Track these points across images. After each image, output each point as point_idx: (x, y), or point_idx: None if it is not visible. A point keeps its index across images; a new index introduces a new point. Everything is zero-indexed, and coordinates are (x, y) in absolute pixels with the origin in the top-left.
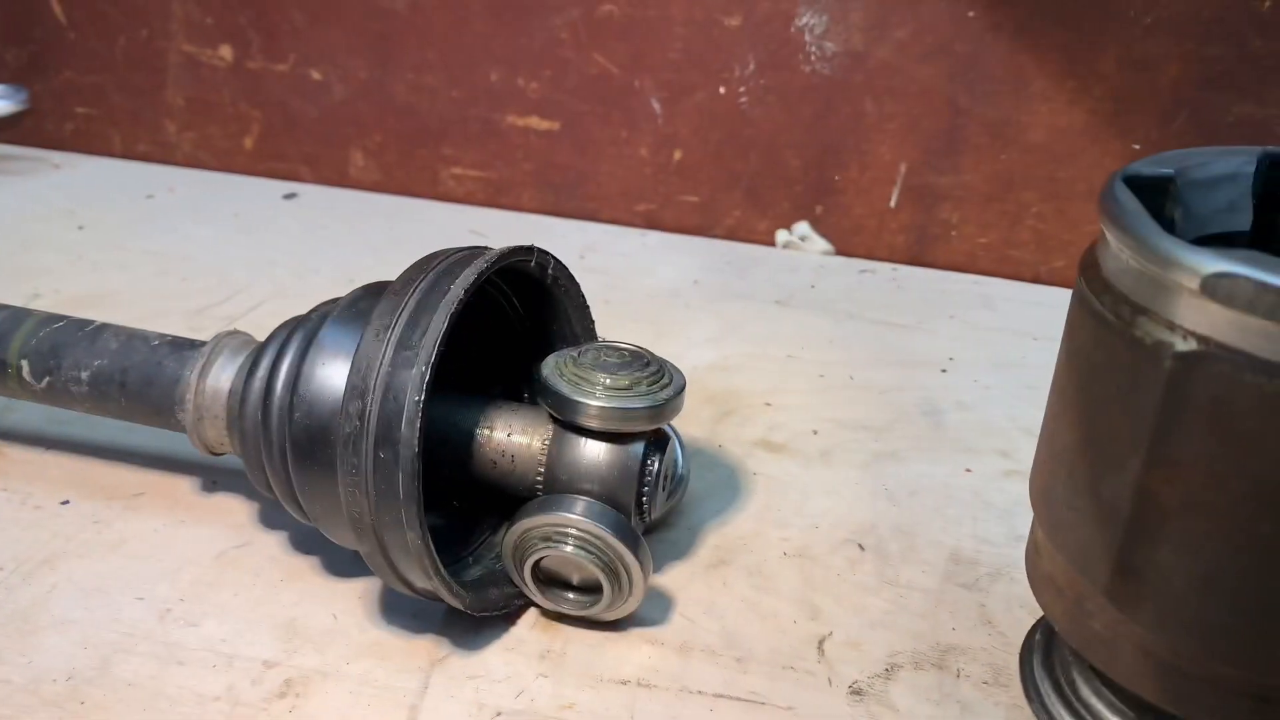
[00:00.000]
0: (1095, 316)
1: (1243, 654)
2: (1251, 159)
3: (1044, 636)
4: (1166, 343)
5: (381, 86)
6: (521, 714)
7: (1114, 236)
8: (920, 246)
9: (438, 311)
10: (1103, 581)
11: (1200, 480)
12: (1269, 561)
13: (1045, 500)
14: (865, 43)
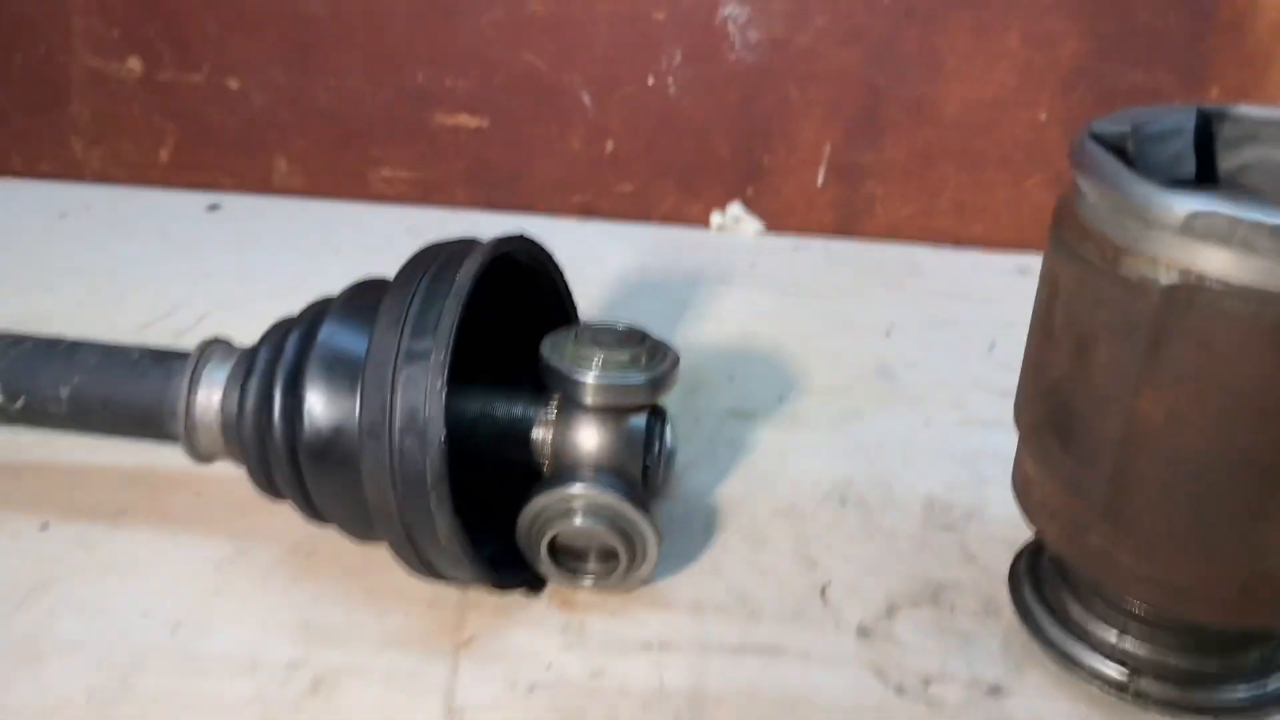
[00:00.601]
0: (1079, 261)
1: (1227, 552)
2: (1190, 115)
3: (1029, 564)
4: (1151, 278)
5: (303, 92)
6: (555, 685)
7: (1093, 187)
8: (848, 221)
9: (449, 300)
10: (1099, 501)
11: (1186, 398)
12: (1247, 465)
13: (1036, 433)
14: (786, 30)
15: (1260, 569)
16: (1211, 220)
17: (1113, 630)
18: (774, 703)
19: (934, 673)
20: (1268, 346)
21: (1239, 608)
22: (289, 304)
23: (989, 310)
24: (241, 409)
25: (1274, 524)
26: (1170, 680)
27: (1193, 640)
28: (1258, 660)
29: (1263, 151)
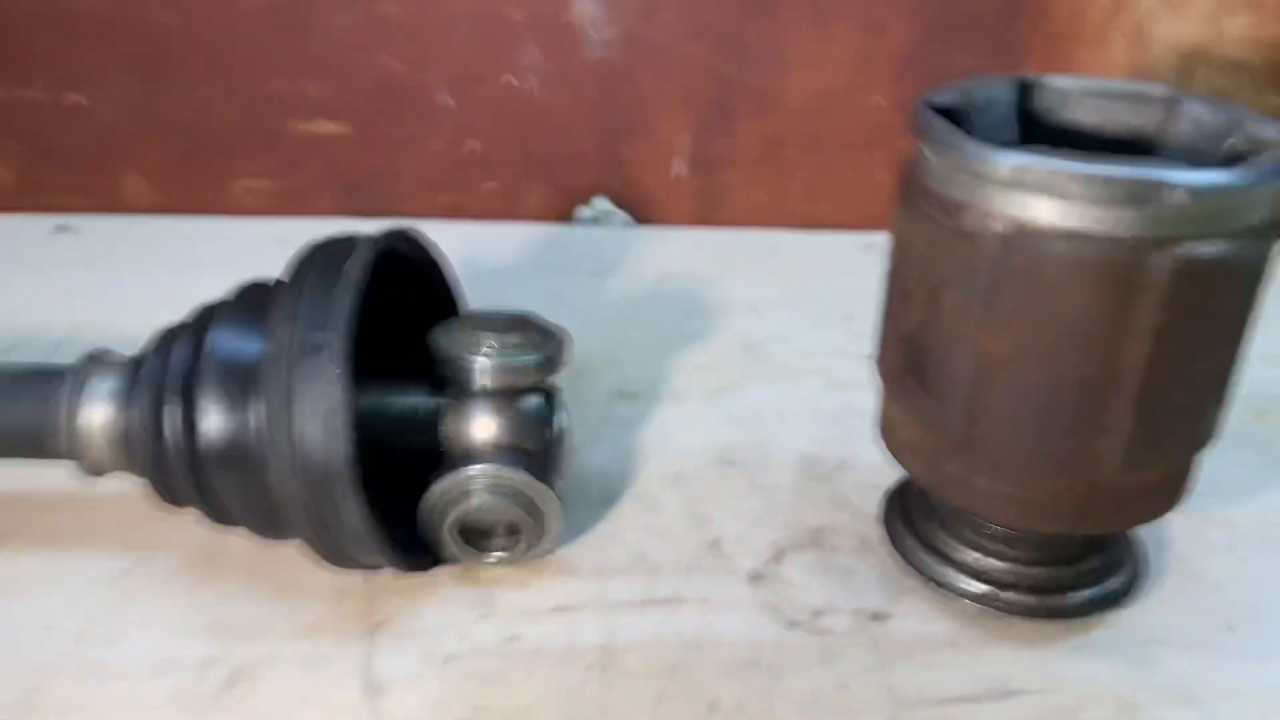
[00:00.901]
0: (923, 218)
1: (1067, 466)
2: (1011, 84)
3: (898, 502)
4: (987, 228)
5: (153, 105)
6: (471, 654)
7: (933, 151)
8: (708, 209)
9: (342, 291)
10: (956, 432)
11: (1023, 332)
12: (1079, 388)
13: (897, 378)
14: (638, 27)
15: (1096, 478)
16: (1034, 173)
17: (975, 552)
18: (679, 647)
19: (821, 606)
20: (1087, 281)
21: (1081, 516)
22: (157, 321)
23: (842, 284)
24: (133, 420)
25: (1105, 438)
26: (1027, 590)
27: (1044, 553)
28: (1099, 565)
29: (1072, 115)
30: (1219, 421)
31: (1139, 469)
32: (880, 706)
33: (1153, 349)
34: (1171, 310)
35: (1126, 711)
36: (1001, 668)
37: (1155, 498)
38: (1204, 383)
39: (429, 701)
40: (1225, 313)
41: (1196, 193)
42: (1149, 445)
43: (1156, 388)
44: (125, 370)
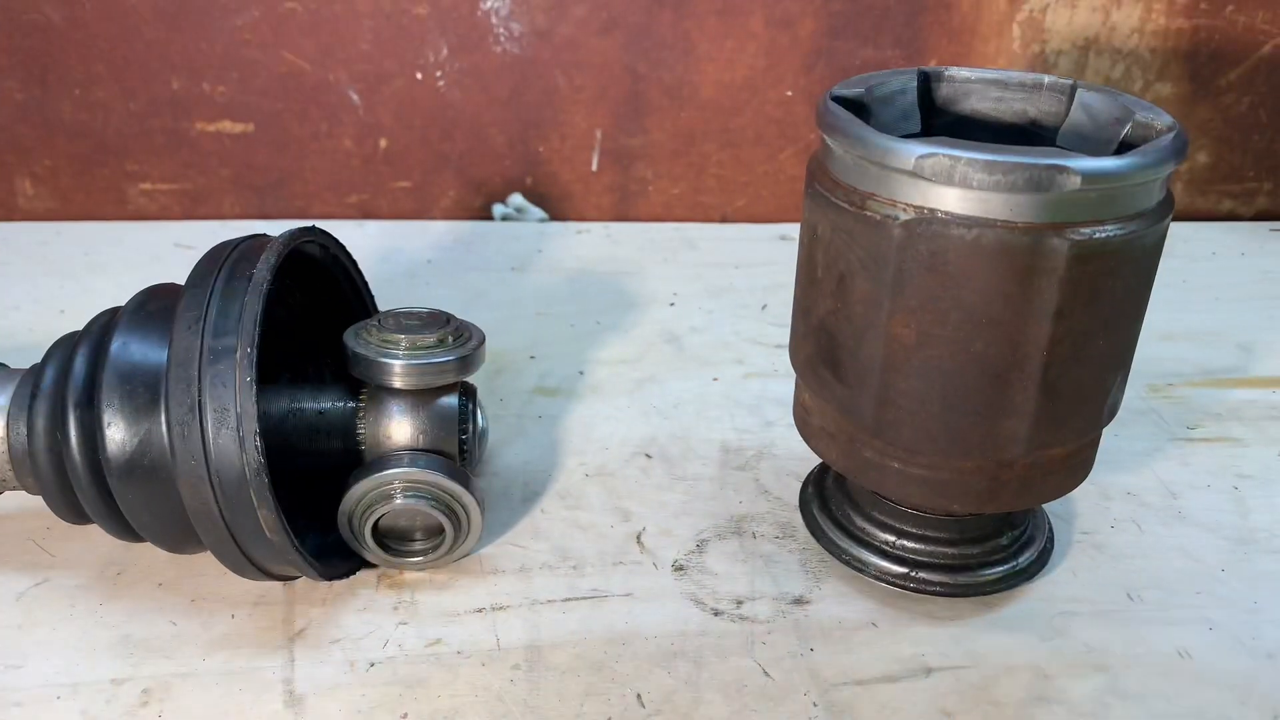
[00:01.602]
0: (831, 207)
1: (975, 447)
2: (913, 77)
3: (815, 489)
4: (892, 215)
5: (43, 107)
6: (393, 659)
7: (839, 143)
8: (624, 204)
9: (248, 295)
10: (869, 418)
11: (929, 318)
12: (983, 370)
13: (811, 367)
14: (548, 21)
15: (1003, 458)
16: (935, 161)
17: (890, 534)
18: (606, 641)
19: (744, 594)
20: (988, 265)
21: (990, 495)
22: (53, 332)
23: (758, 276)
24: (31, 433)
25: (1011, 418)
26: (941, 570)
27: (956, 533)
28: (1010, 542)
29: (973, 105)
30: (1119, 399)
31: (1045, 448)
32: (804, 689)
33: (1054, 330)
34: (1070, 292)
35: (1040, 682)
36: (920, 646)
37: (1061, 475)
38: (1104, 362)
39: (352, 710)
40: (1121, 293)
41: (1091, 178)
42: (1053, 424)
43: (1059, 368)
44: (23, 382)
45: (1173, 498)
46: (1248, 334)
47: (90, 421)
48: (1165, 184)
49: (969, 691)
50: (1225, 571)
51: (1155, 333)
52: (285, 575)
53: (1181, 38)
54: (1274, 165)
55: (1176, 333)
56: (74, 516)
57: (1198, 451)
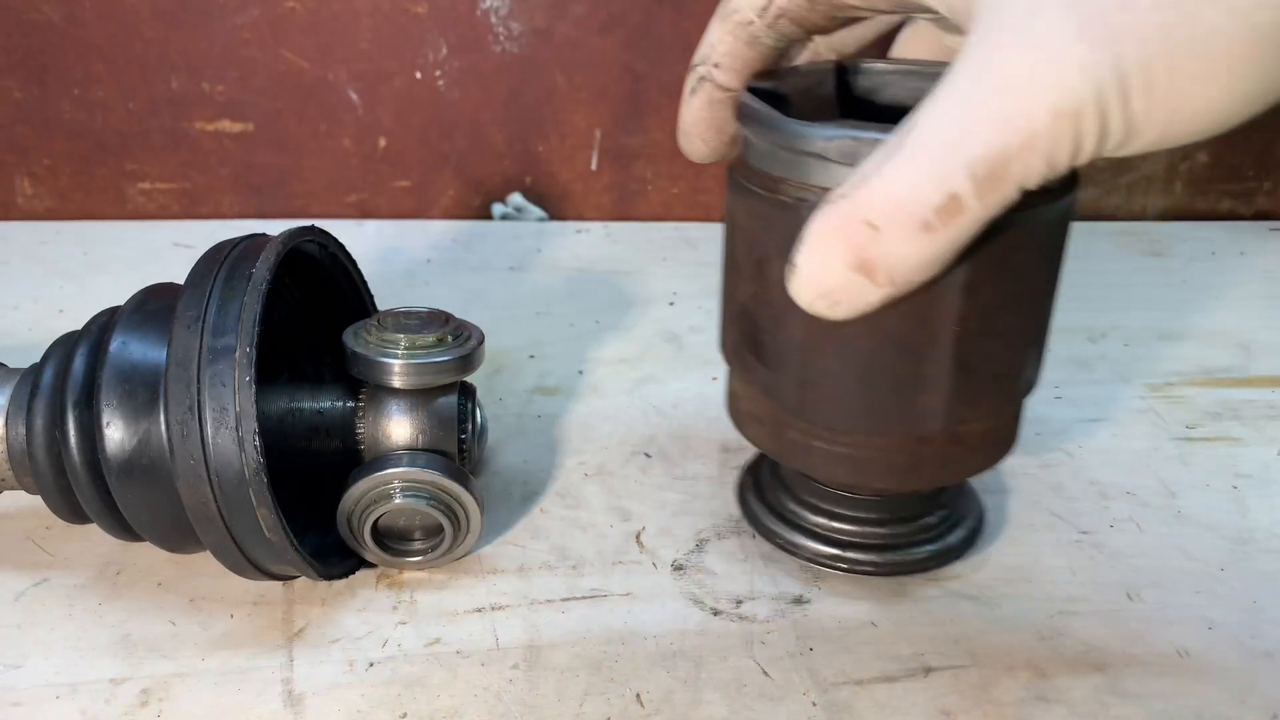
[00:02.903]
0: (749, 195)
1: (894, 424)
2: (829, 69)
3: (751, 477)
4: (802, 198)
5: (43, 106)
6: (393, 659)
7: (753, 131)
8: (623, 203)
9: (248, 294)
10: (791, 400)
11: None
12: (898, 347)
13: (736, 352)
14: (547, 20)
15: (922, 434)
16: (840, 144)
17: (819, 516)
18: (605, 640)
19: (744, 593)
20: None
21: (911, 471)
22: (52, 331)
23: None
24: (31, 433)
25: (927, 394)
26: (871, 549)
27: (885, 513)
28: (939, 521)
29: (892, 95)
30: (1036, 373)
31: (962, 423)
32: (803, 689)
33: (963, 306)
34: (977, 268)
35: (1039, 682)
36: (919, 645)
37: (982, 450)
38: (1016, 337)
39: (352, 710)
40: (1027, 269)
41: None
42: (969, 400)
43: (970, 343)
44: (22, 381)
45: (1172, 497)
46: (1247, 333)
47: (89, 421)
48: None
49: (968, 691)
50: (1224, 571)
51: (1154, 332)
52: (284, 575)
53: None
54: (1274, 164)
55: (1176, 332)
56: (73, 516)
57: (1197, 451)
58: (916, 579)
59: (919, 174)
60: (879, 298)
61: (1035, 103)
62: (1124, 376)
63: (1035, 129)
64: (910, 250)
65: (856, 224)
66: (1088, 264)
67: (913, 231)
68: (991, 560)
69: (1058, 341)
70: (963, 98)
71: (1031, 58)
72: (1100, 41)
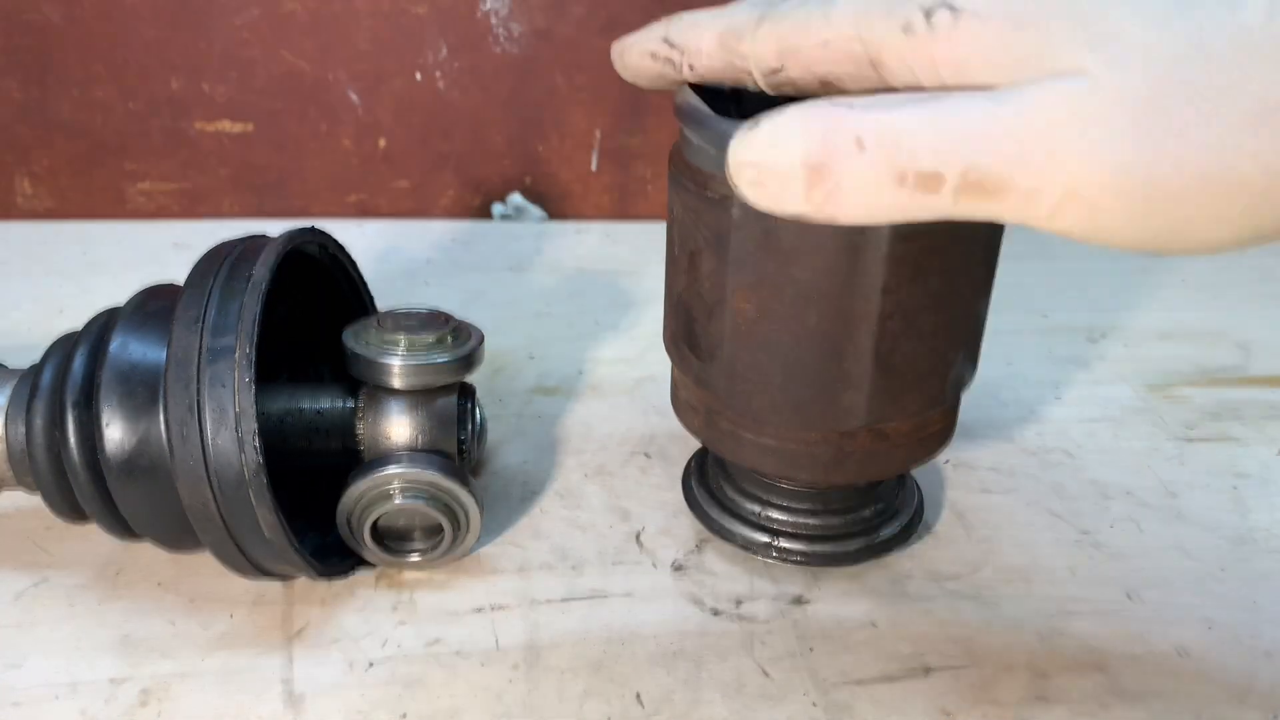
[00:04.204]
0: (683, 189)
1: (818, 419)
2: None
3: (696, 464)
4: (728, 196)
5: (42, 106)
6: (393, 659)
7: (685, 126)
8: (623, 203)
9: (247, 295)
10: (721, 390)
11: (767, 292)
12: (820, 343)
13: (674, 342)
14: (547, 21)
15: (845, 429)
16: None
17: (757, 505)
18: (605, 640)
19: (744, 593)
20: (816, 243)
21: (835, 465)
22: (51, 331)
23: None
24: (31, 432)
25: (849, 391)
26: (803, 539)
27: (819, 504)
28: (873, 515)
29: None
30: (968, 372)
31: (884, 420)
32: (803, 689)
33: (882, 305)
34: (894, 269)
35: (1039, 682)
36: (918, 645)
37: (907, 448)
38: (939, 338)
39: (352, 710)
40: (949, 271)
41: None
42: (891, 398)
43: (890, 342)
44: (21, 381)
45: (1172, 497)
46: (1247, 333)
47: (89, 421)
48: None
49: (968, 691)
50: (1224, 571)
51: (1153, 332)
52: (284, 575)
53: None
54: None
55: (1175, 332)
56: (73, 515)
57: (1197, 451)
58: (916, 579)
59: (939, 137)
60: (799, 209)
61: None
62: (1124, 376)
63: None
64: (868, 187)
65: (845, 131)
66: (1087, 264)
67: (888, 174)
68: (991, 560)
69: (1057, 341)
70: (1020, 119)
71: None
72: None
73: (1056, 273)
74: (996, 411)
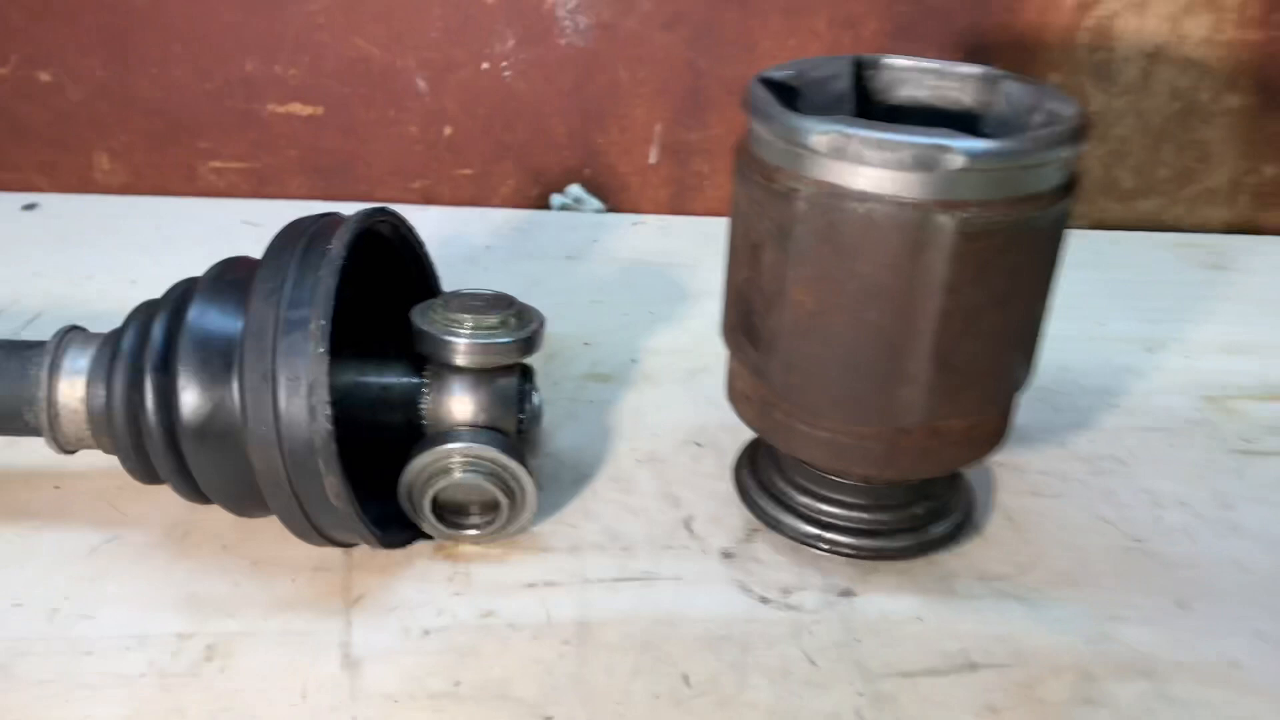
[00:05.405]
0: (748, 182)
1: (873, 414)
2: (848, 63)
3: (748, 455)
4: (794, 188)
5: (123, 84)
6: (447, 629)
7: (754, 120)
8: (680, 197)
9: (323, 270)
10: (778, 382)
11: (828, 286)
12: (878, 339)
13: (732, 333)
14: (613, 15)
15: (900, 425)
16: (832, 139)
17: (807, 497)
18: (654, 621)
19: (792, 584)
20: (880, 239)
21: (889, 460)
22: (125, 300)
23: None
24: (110, 395)
25: (906, 387)
26: (852, 533)
27: (870, 499)
28: (924, 512)
29: (909, 93)
30: (1025, 374)
31: (941, 418)
32: (849, 679)
33: (944, 304)
34: (958, 268)
35: (1086, 684)
36: (965, 642)
37: (962, 446)
38: (999, 338)
39: (407, 675)
40: (1014, 272)
41: (975, 158)
42: (948, 396)
43: (950, 341)
44: (103, 345)
45: (1227, 509)
46: None
47: (166, 385)
48: (1065, 169)
49: (1014, 689)
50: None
51: (1214, 345)
52: (346, 542)
53: (1253, 50)
54: None
55: (1236, 346)
56: (146, 476)
57: (1254, 465)
58: (964, 578)
59: None
60: None
61: None
62: (1181, 387)
63: None
64: None
65: None
66: (1146, 274)
67: None
68: (1040, 563)
69: (1113, 349)
70: None
71: None
72: None
73: (1114, 282)
74: (1049, 416)
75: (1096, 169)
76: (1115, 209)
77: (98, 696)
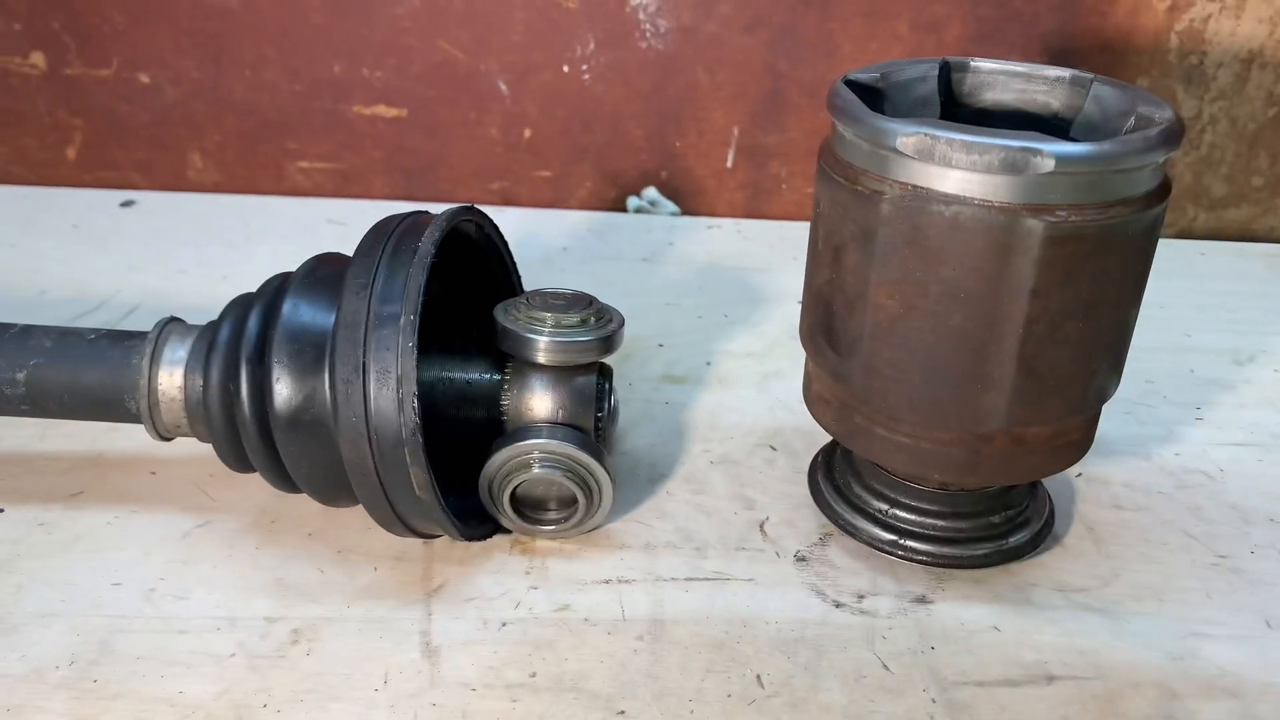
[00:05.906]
0: (831, 183)
1: (955, 419)
2: (935, 65)
3: (824, 458)
4: (879, 190)
5: (216, 86)
6: (524, 620)
7: (839, 121)
8: (756, 201)
9: (413, 266)
10: (858, 385)
11: (911, 290)
12: (963, 344)
13: (811, 335)
14: (694, 18)
15: (982, 431)
16: (919, 141)
17: (884, 503)
18: (727, 621)
19: (866, 589)
20: (966, 242)
21: (970, 467)
22: (217, 294)
23: None
24: (207, 384)
25: (988, 392)
26: (930, 540)
27: (948, 506)
28: (1003, 521)
29: (996, 96)
30: (1110, 384)
31: (1024, 425)
32: (923, 685)
33: (1030, 309)
34: (1046, 273)
35: (1168, 701)
36: (1043, 653)
37: (1044, 454)
38: (1085, 344)
39: (484, 664)
40: (1103, 278)
41: (1064, 162)
42: (1032, 402)
43: (1035, 346)
44: (200, 337)
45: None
46: None
47: (260, 376)
48: (1158, 173)
49: (1091, 703)
50: None
51: None
52: (427, 533)
53: None
54: None
55: None
56: (238, 464)
57: None
58: (1042, 588)
59: None
60: None
61: None
62: (1271, 401)
63: None
64: None
65: None
66: (1237, 285)
67: None
68: (1121, 576)
69: (1200, 361)
70: None
71: None
72: None
73: (1202, 293)
74: (1133, 428)
75: (1186, 176)
76: (1205, 218)
77: (190, 673)
